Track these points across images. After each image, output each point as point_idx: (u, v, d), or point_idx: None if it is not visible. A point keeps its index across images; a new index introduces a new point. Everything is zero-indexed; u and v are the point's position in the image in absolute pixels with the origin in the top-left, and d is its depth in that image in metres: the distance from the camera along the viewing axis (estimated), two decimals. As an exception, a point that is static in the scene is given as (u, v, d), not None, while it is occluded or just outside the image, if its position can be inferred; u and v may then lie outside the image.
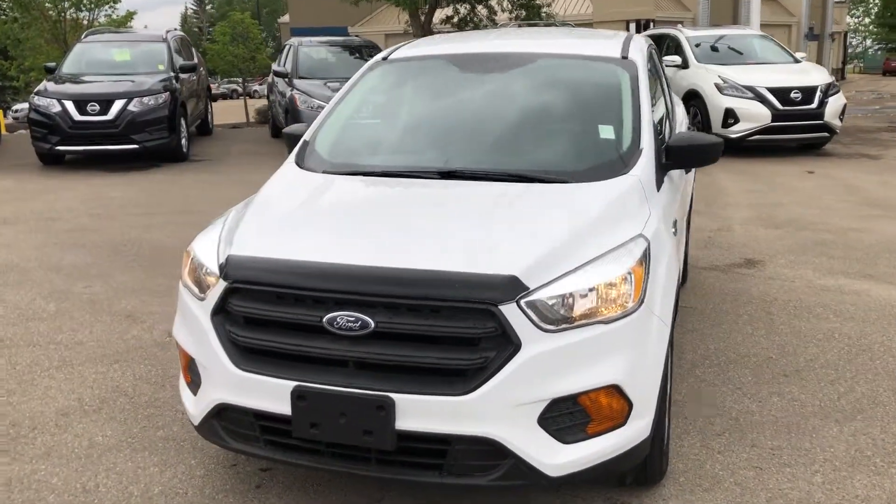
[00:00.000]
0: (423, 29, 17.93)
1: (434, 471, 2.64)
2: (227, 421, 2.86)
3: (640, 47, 4.18)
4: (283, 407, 2.67)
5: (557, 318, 2.58)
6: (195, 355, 2.93)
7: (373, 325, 2.58)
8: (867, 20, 69.85)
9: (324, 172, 3.57)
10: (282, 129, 13.08)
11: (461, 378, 2.55)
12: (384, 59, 4.35)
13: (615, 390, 2.65)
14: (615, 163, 3.40)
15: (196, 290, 2.97)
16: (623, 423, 2.70)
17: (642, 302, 2.73)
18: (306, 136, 3.92)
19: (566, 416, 2.62)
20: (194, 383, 3.01)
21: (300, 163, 3.73)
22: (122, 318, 5.31)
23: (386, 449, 2.60)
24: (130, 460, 3.49)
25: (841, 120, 11.76)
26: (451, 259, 2.68)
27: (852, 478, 3.30)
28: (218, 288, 2.84)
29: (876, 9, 66.28)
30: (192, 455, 3.53)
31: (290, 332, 2.71)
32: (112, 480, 3.33)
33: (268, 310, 2.74)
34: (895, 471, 3.35)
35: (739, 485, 3.25)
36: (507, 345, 2.54)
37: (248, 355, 2.76)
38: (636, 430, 2.75)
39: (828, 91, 11.45)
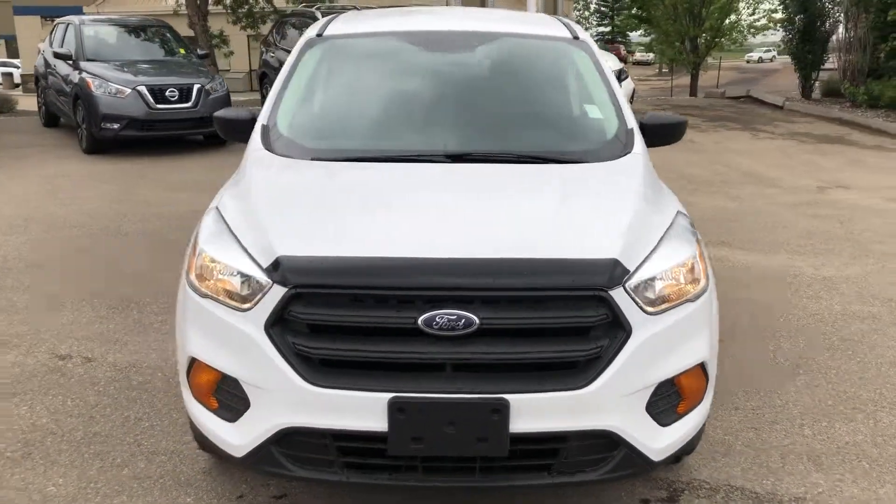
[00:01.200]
0: (200, 10, 16.86)
1: (543, 472, 2.48)
2: (291, 447, 2.47)
3: (581, 29, 4.20)
4: (375, 423, 2.37)
5: (655, 299, 2.53)
6: (238, 375, 2.50)
7: (478, 322, 2.36)
8: (587, 13, 76.99)
9: (312, 160, 3.21)
10: (62, 117, 11.78)
11: (574, 370, 2.41)
12: (318, 35, 3.99)
13: (701, 368, 2.66)
14: (615, 142, 3.40)
15: (229, 299, 2.54)
16: (701, 400, 2.72)
17: (708, 277, 2.75)
18: (264, 121, 3.50)
19: (665, 399, 2.57)
20: (228, 408, 2.58)
21: (271, 149, 3.31)
22: (-15, 343, 4.45)
23: (499, 455, 2.40)
24: (111, 509, 2.94)
25: (631, 102, 12.76)
26: (545, 246, 2.52)
27: (833, 427, 3.59)
28: (272, 295, 2.44)
29: (593, 3, 73.53)
30: (184, 491, 3.05)
31: (376, 337, 2.40)
32: (102, 536, 2.79)
33: (343, 315, 2.40)
34: (861, 416, 3.70)
35: (749, 447, 3.41)
36: (619, 331, 2.44)
37: (322, 369, 2.41)
38: (707, 405, 2.78)
39: (619, 76, 12.36)
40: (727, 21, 20.50)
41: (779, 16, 19.55)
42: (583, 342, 2.42)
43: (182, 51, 11.80)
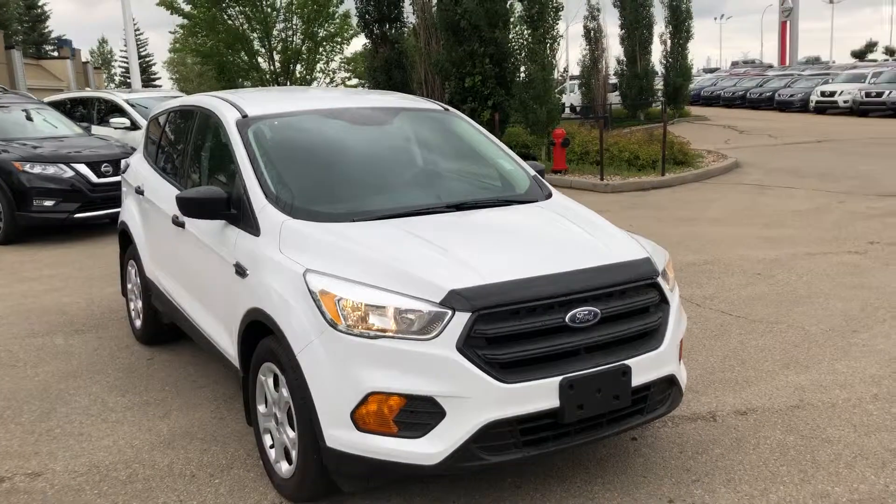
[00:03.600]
0: None
1: (639, 414, 3.44)
2: (484, 439, 3.05)
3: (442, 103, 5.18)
4: (550, 401, 3.11)
5: (669, 282, 3.67)
6: (433, 392, 3.01)
7: (600, 313, 3.26)
8: (112, 85, 75.44)
9: (352, 221, 3.69)
10: None
11: (649, 337, 3.43)
12: (244, 116, 4.32)
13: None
14: (535, 186, 4.45)
15: (404, 333, 3.04)
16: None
17: None
18: (261, 196, 3.80)
19: (679, 350, 3.71)
20: (414, 427, 3.05)
21: (300, 216, 3.67)
22: None
23: (626, 406, 3.31)
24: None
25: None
26: (611, 254, 3.50)
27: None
28: (457, 320, 3.02)
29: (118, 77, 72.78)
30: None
31: (538, 337, 3.14)
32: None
33: (513, 325, 3.10)
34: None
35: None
36: (665, 306, 3.53)
37: (507, 370, 3.06)
38: None
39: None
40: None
41: (353, 83, 22.10)
42: (650, 316, 3.46)
43: None
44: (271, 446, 3.69)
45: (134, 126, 12.37)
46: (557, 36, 14.99)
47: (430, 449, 3.05)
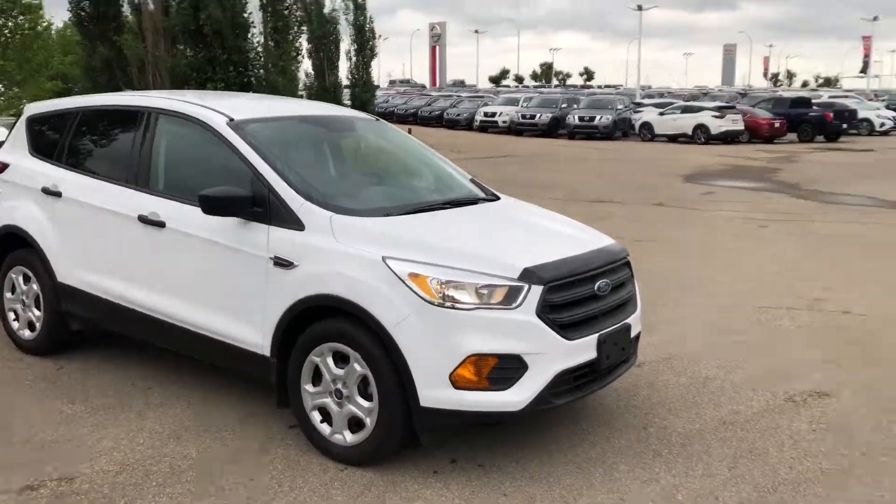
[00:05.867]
0: None
1: (624, 363, 4.42)
2: (553, 387, 3.82)
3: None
4: (592, 353, 3.98)
5: (625, 262, 4.73)
6: (520, 351, 3.71)
7: (611, 283, 4.19)
8: None
9: (386, 216, 4.20)
10: None
11: (631, 302, 4.45)
12: (231, 120, 4.53)
13: None
14: (478, 187, 5.25)
15: (490, 304, 3.72)
16: None
17: None
18: (288, 194, 4.13)
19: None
20: (501, 381, 3.72)
21: (340, 212, 4.07)
22: None
23: (627, 357, 4.29)
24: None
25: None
26: (598, 241, 4.46)
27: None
28: (534, 292, 3.76)
29: None
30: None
31: (578, 303, 3.98)
32: None
33: (566, 294, 3.91)
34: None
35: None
36: (633, 278, 4.58)
37: (566, 330, 3.86)
38: None
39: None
40: None
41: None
42: (629, 286, 4.48)
43: None
44: (322, 421, 4.05)
45: None
46: (301, 48, 15.57)
47: (515, 398, 3.76)
